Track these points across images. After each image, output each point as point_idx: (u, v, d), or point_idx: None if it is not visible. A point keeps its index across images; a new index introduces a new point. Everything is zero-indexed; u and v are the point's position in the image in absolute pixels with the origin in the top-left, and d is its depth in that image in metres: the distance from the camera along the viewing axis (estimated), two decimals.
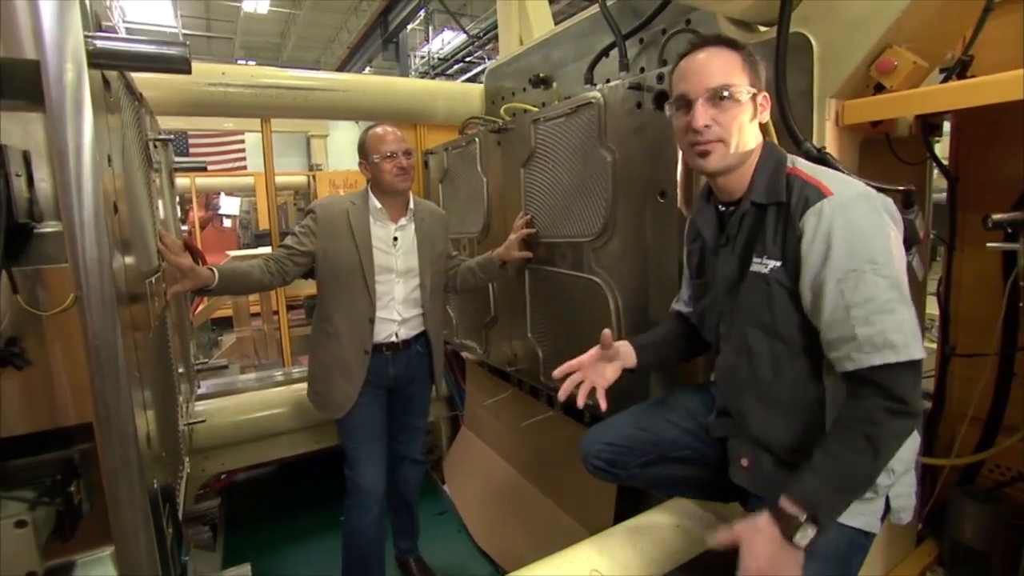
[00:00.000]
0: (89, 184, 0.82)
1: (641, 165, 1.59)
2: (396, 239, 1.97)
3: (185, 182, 6.57)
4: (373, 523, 1.99)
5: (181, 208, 6.47)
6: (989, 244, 1.39)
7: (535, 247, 2.05)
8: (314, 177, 7.47)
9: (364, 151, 1.92)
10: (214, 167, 7.87)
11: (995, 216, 1.31)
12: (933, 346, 1.86)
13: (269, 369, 3.70)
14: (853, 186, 1.01)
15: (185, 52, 0.95)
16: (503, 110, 2.52)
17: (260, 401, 2.74)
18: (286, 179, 7.65)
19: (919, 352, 0.92)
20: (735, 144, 1.04)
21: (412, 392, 2.11)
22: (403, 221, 1.99)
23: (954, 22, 1.32)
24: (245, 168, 8.39)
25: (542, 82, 2.43)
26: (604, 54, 2.07)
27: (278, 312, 3.33)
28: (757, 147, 1.09)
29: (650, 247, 1.60)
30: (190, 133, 8.06)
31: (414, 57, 11.16)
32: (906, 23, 1.19)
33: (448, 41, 10.87)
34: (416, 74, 10.92)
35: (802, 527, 0.91)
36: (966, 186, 1.74)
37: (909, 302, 0.94)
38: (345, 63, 11.39)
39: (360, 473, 1.97)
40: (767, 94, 1.09)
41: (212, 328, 5.84)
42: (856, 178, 1.07)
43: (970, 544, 1.58)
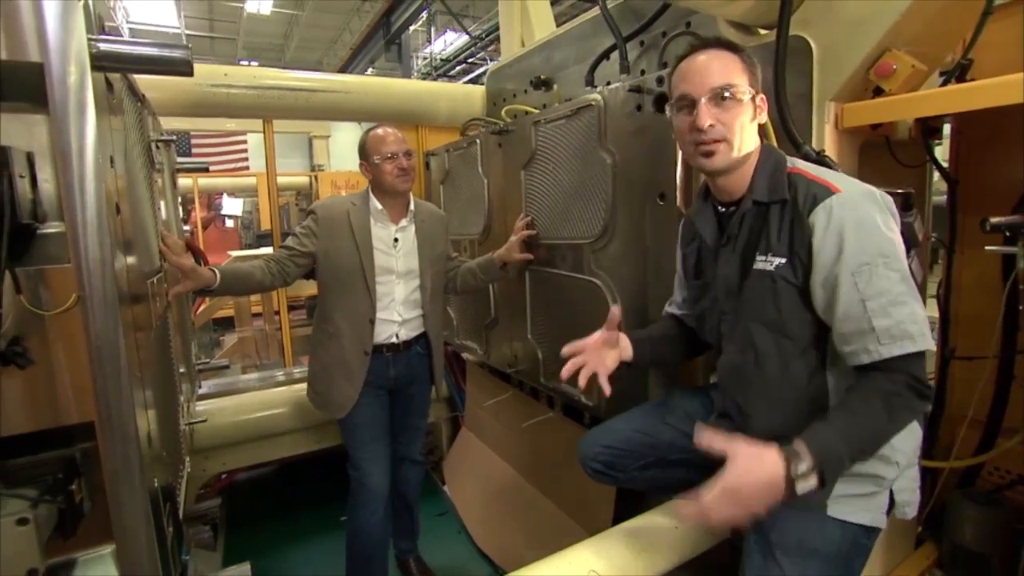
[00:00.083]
0: (92, 185, 0.83)
1: (641, 167, 1.60)
2: (397, 240, 1.97)
3: (188, 182, 6.58)
4: (378, 523, 1.99)
5: (183, 208, 6.49)
6: (988, 247, 1.39)
7: (536, 249, 2.06)
8: (316, 178, 7.49)
9: (365, 152, 1.93)
10: (216, 168, 7.89)
11: (993, 219, 1.31)
12: (933, 349, 1.86)
13: (270, 369, 3.71)
14: (857, 184, 1.03)
15: (187, 55, 0.95)
16: (504, 112, 2.53)
17: (261, 401, 2.74)
18: (288, 180, 7.69)
19: (931, 343, 0.95)
20: (738, 144, 1.06)
21: (412, 393, 2.11)
22: (404, 222, 1.99)
23: (953, 25, 1.32)
24: (247, 168, 8.41)
25: (543, 84, 2.44)
26: (605, 56, 2.08)
27: (279, 312, 3.34)
28: (756, 148, 1.10)
29: (650, 249, 1.60)
30: (192, 133, 8.08)
31: (416, 58, 11.18)
32: (905, 26, 1.19)
33: (450, 42, 10.88)
34: (418, 75, 10.94)
35: (807, 476, 0.89)
36: (966, 189, 1.74)
37: (918, 295, 0.97)
38: (347, 64, 11.43)
39: (365, 473, 1.97)
40: (764, 96, 1.11)
41: (214, 328, 5.85)
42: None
43: (969, 547, 1.58)
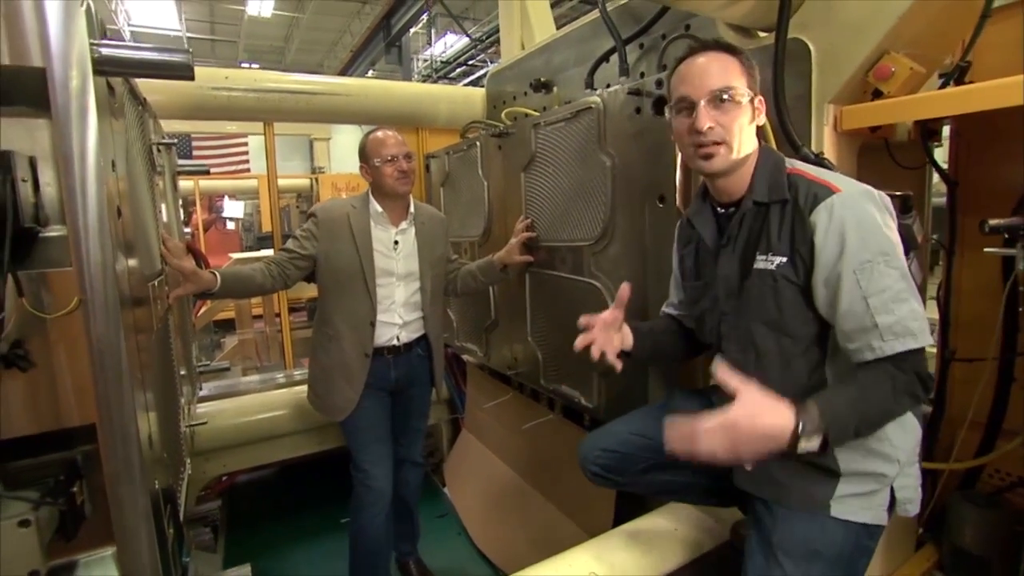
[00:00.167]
0: (93, 189, 0.83)
1: (640, 170, 1.60)
2: (397, 243, 1.98)
3: (189, 185, 6.59)
4: (382, 524, 2.00)
5: (184, 211, 6.49)
6: (987, 249, 1.39)
7: (536, 251, 2.06)
8: (317, 180, 7.49)
9: (365, 155, 1.93)
10: (217, 170, 7.91)
11: (992, 221, 1.31)
12: (933, 350, 1.86)
13: (271, 371, 3.71)
14: (856, 184, 1.04)
15: (188, 59, 0.96)
16: (504, 114, 2.53)
17: (262, 403, 2.75)
18: (289, 182, 7.69)
19: (930, 340, 0.96)
20: (736, 146, 1.06)
21: (413, 395, 2.12)
22: (404, 225, 2.00)
23: (951, 28, 1.33)
24: (248, 171, 8.43)
25: (543, 86, 2.45)
26: (604, 59, 2.09)
27: (280, 314, 3.34)
28: (755, 150, 1.11)
29: (649, 251, 1.60)
30: (193, 136, 8.10)
31: (417, 60, 11.20)
32: (903, 29, 1.20)
33: (451, 44, 10.90)
34: (419, 77, 10.95)
35: (811, 436, 0.89)
36: (966, 191, 1.74)
37: (917, 293, 0.98)
38: (348, 66, 11.46)
39: (369, 475, 1.97)
40: (763, 98, 1.11)
41: (214, 330, 5.87)
42: None
43: (970, 549, 1.58)
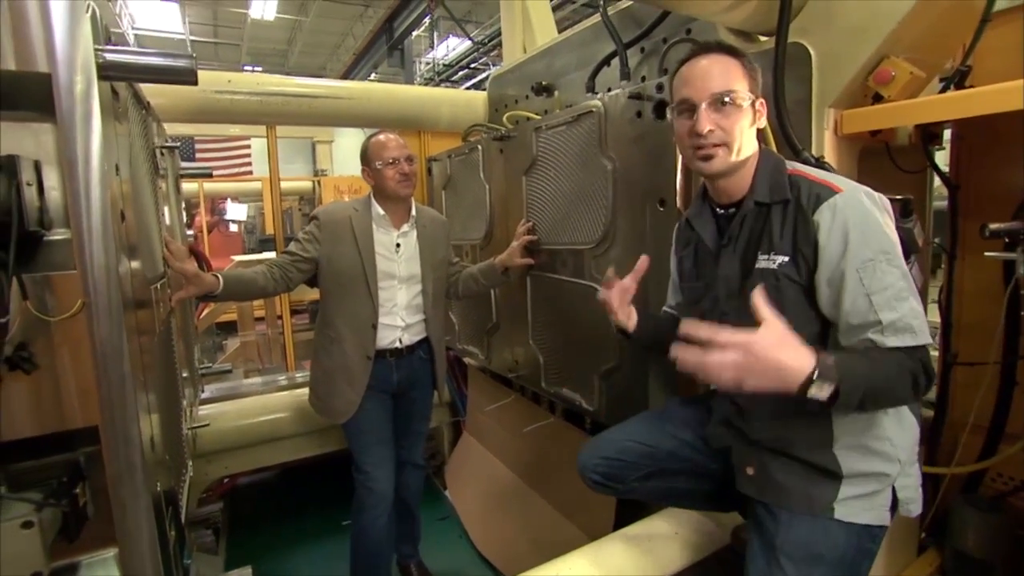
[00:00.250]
0: (97, 192, 0.84)
1: (641, 173, 1.60)
2: (399, 245, 1.98)
3: (193, 187, 6.62)
4: (383, 526, 2.00)
5: (187, 213, 6.52)
6: (987, 253, 1.39)
7: (537, 254, 2.07)
8: (319, 182, 7.52)
9: (367, 158, 1.94)
10: (220, 172, 7.95)
11: (992, 225, 1.31)
12: (935, 354, 1.86)
13: (273, 373, 3.71)
14: (855, 185, 1.05)
15: (191, 63, 0.97)
16: (505, 118, 2.53)
17: (263, 405, 2.75)
18: (291, 184, 7.73)
19: (929, 338, 0.97)
20: (736, 148, 1.07)
21: (414, 397, 2.12)
22: (405, 227, 2.00)
23: (951, 32, 1.33)
24: (251, 173, 8.47)
25: (544, 90, 2.46)
26: (606, 63, 2.09)
27: (282, 317, 3.35)
28: (755, 152, 1.12)
29: (650, 254, 1.60)
30: (197, 139, 8.14)
31: (419, 63, 11.23)
32: (903, 34, 1.20)
33: (453, 47, 10.93)
34: (421, 80, 10.98)
35: (822, 385, 0.88)
36: (967, 194, 1.74)
37: (916, 292, 0.99)
38: (351, 69, 11.49)
39: (371, 477, 1.97)
40: (764, 100, 1.12)
41: (216, 332, 5.89)
42: None
43: (972, 553, 1.57)
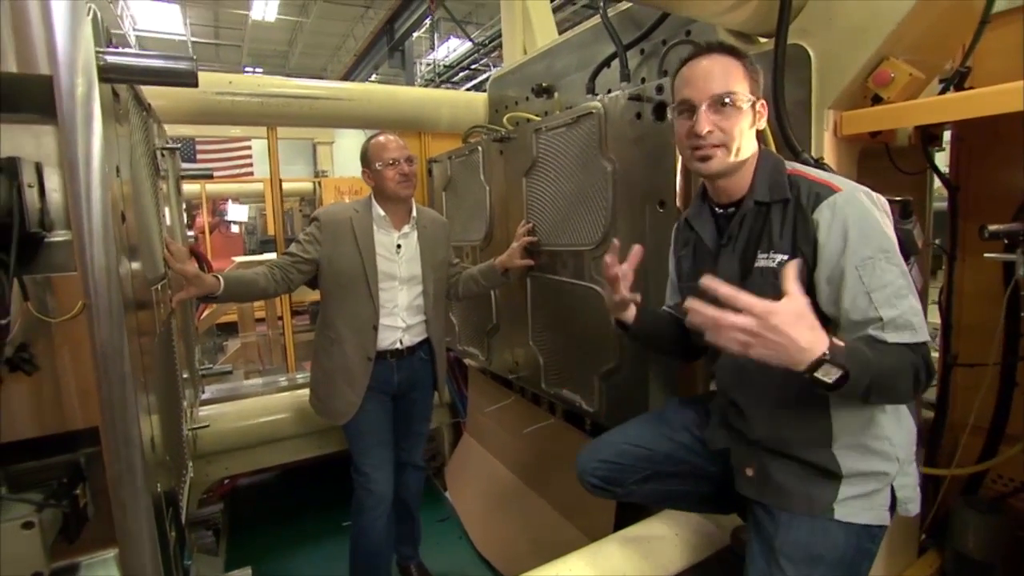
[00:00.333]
0: (98, 194, 0.84)
1: (641, 175, 1.61)
2: (399, 246, 1.98)
3: (196, 188, 6.62)
4: (382, 527, 2.00)
5: (188, 214, 6.52)
6: (986, 254, 1.39)
7: (537, 255, 2.07)
8: (320, 183, 7.51)
9: (367, 160, 1.95)
10: (221, 173, 7.94)
11: (991, 227, 1.31)
12: (935, 355, 1.86)
13: (273, 374, 3.71)
14: (855, 185, 1.06)
15: (192, 66, 0.97)
16: (506, 119, 2.54)
17: (264, 406, 2.75)
18: (292, 186, 7.72)
19: (928, 336, 0.98)
20: (735, 149, 1.08)
21: (415, 398, 2.12)
22: (406, 229, 2.01)
23: (951, 34, 1.33)
24: (252, 174, 8.47)
25: (544, 91, 2.46)
26: (606, 64, 2.10)
27: (283, 317, 3.35)
28: (755, 152, 1.13)
29: (650, 256, 1.60)
30: (197, 139, 8.14)
31: (420, 64, 11.24)
32: (902, 35, 1.20)
33: (454, 48, 10.94)
34: (422, 81, 10.99)
35: (830, 369, 0.87)
36: (967, 196, 1.74)
37: (915, 290, 1.00)
38: (351, 70, 11.50)
39: (370, 478, 1.97)
40: (765, 102, 1.12)
41: (217, 333, 5.88)
42: None
43: (973, 555, 1.57)
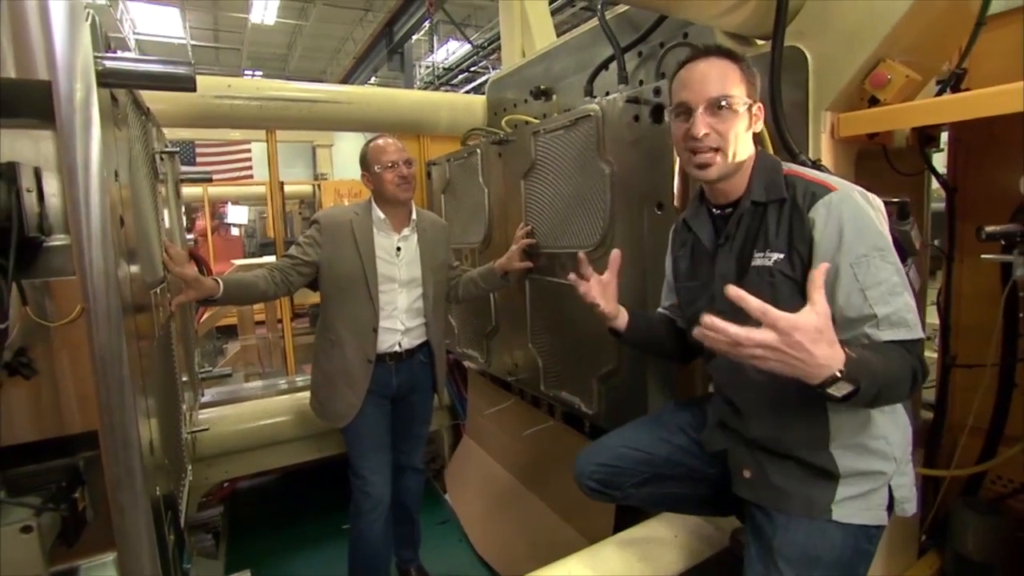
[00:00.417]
0: (96, 199, 0.84)
1: (639, 177, 1.61)
2: (399, 249, 1.99)
3: (198, 191, 6.63)
4: (380, 530, 2.00)
5: (188, 217, 6.53)
6: (984, 256, 1.39)
7: (536, 257, 2.07)
8: (319, 186, 7.53)
9: (366, 163, 1.95)
10: (221, 176, 7.95)
11: (988, 228, 1.31)
12: (934, 356, 1.86)
13: (273, 377, 3.72)
14: (851, 185, 1.07)
15: (191, 71, 0.97)
16: (504, 122, 2.54)
17: (264, 409, 2.75)
18: (292, 188, 7.73)
19: (923, 333, 0.98)
20: (731, 152, 1.08)
21: (414, 401, 2.12)
22: (406, 231, 2.01)
23: (947, 36, 1.34)
24: (251, 177, 8.48)
25: (543, 94, 2.46)
26: (604, 67, 2.10)
27: (282, 320, 3.35)
28: (751, 154, 1.13)
29: (648, 258, 1.61)
30: (197, 143, 8.16)
31: (419, 67, 11.25)
32: (898, 37, 1.21)
33: (453, 51, 10.96)
34: (421, 84, 11.00)
35: (845, 384, 0.87)
36: (965, 197, 1.74)
37: (910, 288, 1.01)
38: (351, 73, 11.51)
39: (368, 481, 1.97)
40: (761, 105, 1.13)
41: (217, 336, 5.88)
42: None
43: (972, 556, 1.57)
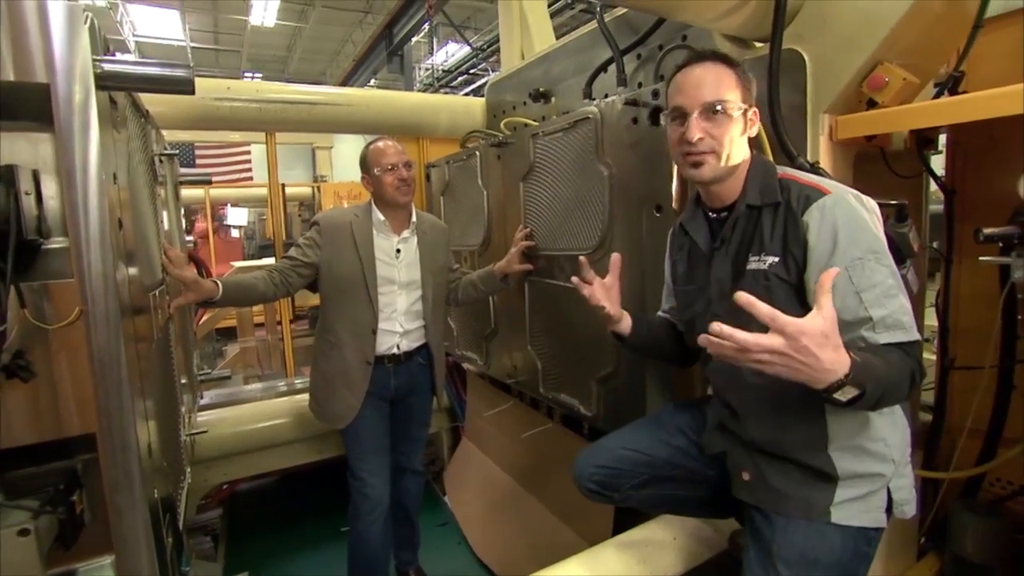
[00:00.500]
0: (95, 201, 0.85)
1: (637, 179, 1.61)
2: (399, 251, 1.99)
3: (199, 193, 6.63)
4: (379, 532, 2.00)
5: (187, 219, 6.52)
6: (981, 258, 1.39)
7: (535, 260, 2.07)
8: (319, 188, 7.53)
9: (366, 165, 1.95)
10: (220, 178, 7.94)
11: (986, 230, 1.32)
12: (933, 358, 1.86)
13: (272, 379, 3.71)
14: (845, 188, 1.08)
15: (189, 73, 0.97)
16: (503, 124, 2.55)
17: (262, 411, 2.74)
18: (291, 190, 7.73)
19: (918, 335, 0.98)
20: (725, 156, 1.09)
21: (413, 403, 2.12)
22: (406, 233, 2.01)
23: (944, 39, 1.34)
24: (251, 179, 8.47)
25: (542, 96, 2.47)
26: (603, 69, 2.11)
27: (281, 322, 3.35)
28: (746, 158, 1.14)
29: (646, 260, 1.61)
30: (196, 144, 8.15)
31: (418, 69, 11.26)
32: (896, 40, 1.21)
33: (452, 53, 10.96)
34: (421, 86, 11.00)
35: (850, 389, 0.87)
36: (963, 199, 1.74)
37: (905, 290, 1.01)
38: (350, 75, 11.51)
39: (367, 483, 1.97)
40: (757, 110, 1.14)
41: (216, 338, 5.88)
42: None
43: (971, 558, 1.57)
